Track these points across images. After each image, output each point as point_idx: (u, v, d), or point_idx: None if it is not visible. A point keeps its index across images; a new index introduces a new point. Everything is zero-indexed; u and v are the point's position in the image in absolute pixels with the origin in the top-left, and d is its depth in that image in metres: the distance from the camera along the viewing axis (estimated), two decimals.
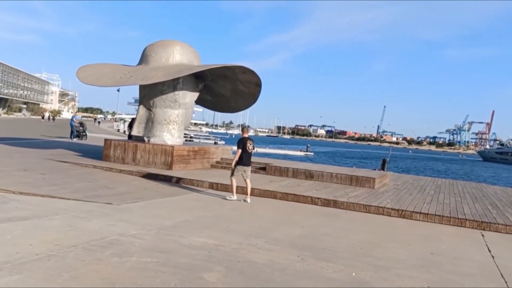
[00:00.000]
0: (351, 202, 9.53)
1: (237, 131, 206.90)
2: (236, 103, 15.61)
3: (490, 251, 6.55)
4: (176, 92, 13.29)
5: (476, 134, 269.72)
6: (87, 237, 5.37)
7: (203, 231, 6.29)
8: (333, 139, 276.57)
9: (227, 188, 10.52)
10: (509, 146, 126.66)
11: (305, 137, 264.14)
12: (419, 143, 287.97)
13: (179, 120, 13.65)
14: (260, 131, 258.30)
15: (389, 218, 8.80)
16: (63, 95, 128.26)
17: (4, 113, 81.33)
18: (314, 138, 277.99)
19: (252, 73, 13.57)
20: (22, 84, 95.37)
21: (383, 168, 35.36)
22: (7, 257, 4.32)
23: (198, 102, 16.29)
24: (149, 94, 13.37)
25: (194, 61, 13.83)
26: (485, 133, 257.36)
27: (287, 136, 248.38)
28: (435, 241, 7.00)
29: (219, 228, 6.63)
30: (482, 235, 7.70)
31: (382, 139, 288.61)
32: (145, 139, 13.44)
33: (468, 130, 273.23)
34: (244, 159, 9.41)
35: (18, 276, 3.87)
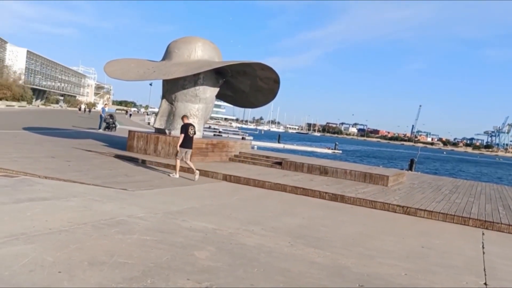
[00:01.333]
0: (358, 197, 9.75)
1: (266, 127, 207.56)
2: (255, 98, 16.01)
3: (483, 247, 6.67)
4: (197, 87, 13.82)
5: None
6: (98, 217, 5.92)
7: (206, 217, 6.74)
8: (365, 138, 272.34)
9: (239, 180, 10.98)
10: None
11: (335, 135, 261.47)
12: (454, 144, 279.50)
13: (199, 114, 14.19)
14: (290, 128, 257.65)
15: (393, 214, 8.98)
16: (98, 88, 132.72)
17: (42, 104, 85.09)
18: (345, 136, 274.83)
19: (271, 69, 13.92)
20: (59, 77, 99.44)
21: (410, 169, 34.95)
22: (24, 229, 4.91)
23: (219, 97, 16.81)
24: (171, 88, 13.98)
25: (215, 57, 14.31)
26: None
27: (317, 134, 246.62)
28: (432, 236, 7.17)
29: (222, 215, 7.06)
30: (483, 234, 7.78)
31: (416, 139, 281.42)
32: (167, 131, 14.07)
33: (508, 132, 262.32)
34: (186, 143, 10.74)
35: (31, 245, 4.42)
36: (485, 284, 4.87)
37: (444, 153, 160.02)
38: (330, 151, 69.08)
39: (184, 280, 3.95)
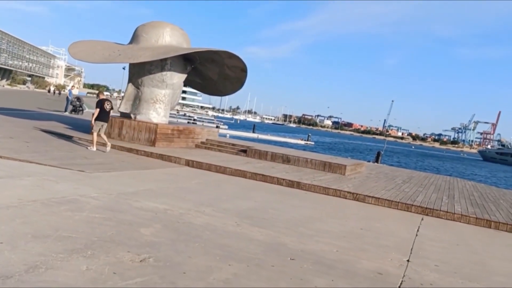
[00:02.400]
0: (313, 184, 10.17)
1: (243, 117, 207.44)
2: (224, 87, 16.19)
3: (418, 231, 7.19)
4: (164, 73, 13.88)
5: (481, 133, 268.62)
6: (49, 195, 6.05)
7: (160, 198, 6.96)
8: (339, 131, 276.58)
9: (201, 165, 11.21)
10: (509, 147, 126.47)
11: (311, 127, 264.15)
12: (423, 139, 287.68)
13: (165, 100, 14.27)
14: (266, 118, 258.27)
15: (344, 200, 9.44)
16: (69, 70, 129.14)
17: (8, 84, 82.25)
18: (320, 128, 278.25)
19: (238, 58, 14.12)
20: (27, 56, 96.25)
21: (377, 161, 36.17)
22: None
23: (188, 83, 16.91)
24: (138, 73, 13.98)
25: (183, 43, 14.38)
26: (490, 133, 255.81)
27: (293, 125, 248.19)
28: (373, 220, 7.65)
29: (176, 197, 7.30)
30: (422, 219, 8.33)
31: (387, 133, 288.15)
32: (132, 116, 14.10)
33: (473, 130, 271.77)
34: (102, 116, 11.70)
35: None
36: (408, 260, 5.33)
37: (413, 147, 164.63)
38: (303, 142, 70.14)
39: (124, 252, 4.19)
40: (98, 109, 11.63)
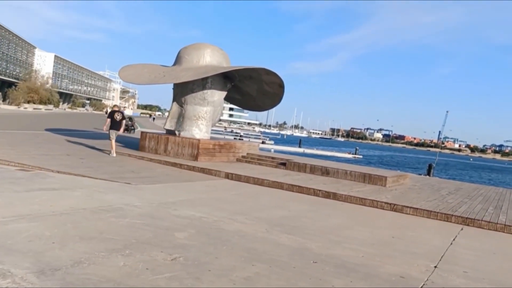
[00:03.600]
0: (349, 195, 10.24)
1: (290, 132, 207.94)
2: (263, 102, 16.68)
3: (454, 239, 7.09)
4: (205, 91, 14.60)
5: None
6: (97, 204, 6.69)
7: (197, 207, 7.41)
8: (390, 144, 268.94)
9: (240, 178, 11.63)
10: None
11: (360, 140, 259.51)
12: (482, 150, 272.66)
13: (207, 117, 14.95)
14: (313, 133, 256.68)
15: (381, 210, 9.43)
16: (124, 92, 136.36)
17: (69, 107, 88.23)
18: (369, 141, 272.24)
19: (275, 74, 14.56)
20: (86, 81, 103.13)
21: (428, 174, 35.12)
22: (30, 211, 5.70)
23: (229, 100, 17.57)
24: (181, 92, 14.80)
25: (223, 62, 15.06)
26: None
27: (341, 139, 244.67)
28: (408, 229, 7.63)
29: (213, 206, 7.72)
30: (461, 229, 8.16)
31: (443, 145, 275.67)
32: (176, 132, 14.89)
33: None
34: (113, 125, 13.70)
35: (33, 223, 5.20)
36: (435, 266, 5.35)
37: (471, 159, 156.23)
38: (350, 156, 69.17)
39: (158, 252, 4.63)
40: (109, 119, 13.81)
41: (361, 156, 70.74)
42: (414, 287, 4.48)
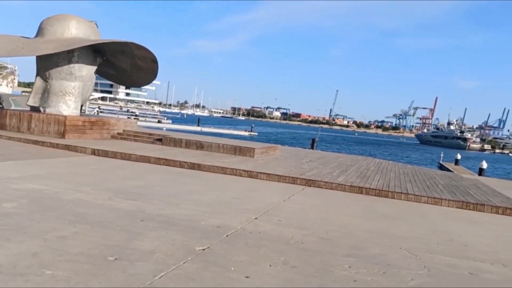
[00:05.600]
0: (212, 165, 10.87)
1: (191, 111, 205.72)
2: (138, 77, 16.51)
3: (289, 197, 8.08)
4: (72, 65, 13.97)
5: (420, 119, 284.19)
6: None
7: (44, 181, 7.31)
8: (287, 121, 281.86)
9: (107, 153, 11.55)
10: (443, 130, 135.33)
11: (260, 119, 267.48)
12: (367, 126, 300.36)
13: (75, 92, 14.37)
14: (215, 112, 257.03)
15: (239, 178, 10.20)
16: (0, 68, 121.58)
17: None
18: (269, 120, 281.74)
19: (146, 49, 14.50)
20: None
21: (312, 147, 38.05)
22: None
23: (104, 75, 17.03)
24: (45, 66, 13.96)
25: (91, 35, 14.50)
26: (428, 118, 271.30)
27: (242, 118, 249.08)
28: (252, 191, 8.44)
29: (62, 180, 7.67)
30: (302, 189, 9.27)
31: (333, 122, 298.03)
32: (41, 109, 14.09)
33: (413, 115, 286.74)
34: None
35: None
36: (256, 218, 6.14)
37: (356, 134, 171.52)
38: (246, 133, 71.46)
39: None
40: None
41: (256, 134, 73.43)
42: (224, 234, 5.15)
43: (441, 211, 8.58)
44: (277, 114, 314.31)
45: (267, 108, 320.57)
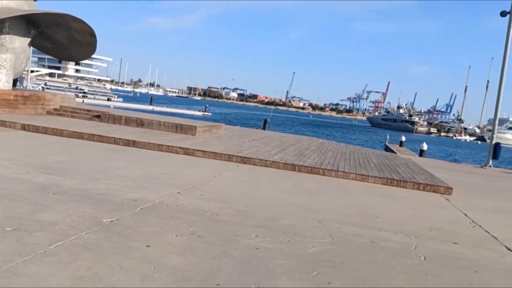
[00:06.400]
0: (148, 142, 10.75)
1: (145, 90, 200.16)
2: (76, 52, 15.87)
3: (220, 174, 8.20)
4: (3, 36, 13.18)
5: (373, 102, 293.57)
6: None
7: None
8: (244, 103, 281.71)
9: (38, 129, 11.11)
10: (393, 113, 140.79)
11: (216, 99, 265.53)
12: (322, 109, 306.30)
13: (7, 65, 13.61)
14: (170, 91, 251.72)
15: (175, 155, 10.16)
16: None
17: None
18: (225, 100, 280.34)
19: (83, 22, 13.91)
20: None
21: (264, 128, 38.43)
22: None
23: (40, 48, 16.21)
24: None
25: (24, 6, 13.70)
26: (380, 102, 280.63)
27: (198, 98, 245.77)
28: (183, 168, 8.46)
29: None
30: (237, 166, 9.41)
31: (289, 104, 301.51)
32: None
33: (366, 99, 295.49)
34: None
35: None
36: (178, 193, 6.20)
37: (310, 116, 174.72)
38: (200, 113, 70.93)
39: None
40: None
41: (210, 114, 73.03)
42: (139, 207, 5.17)
43: (366, 187, 9.03)
44: (234, 95, 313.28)
45: (224, 88, 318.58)
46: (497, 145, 20.31)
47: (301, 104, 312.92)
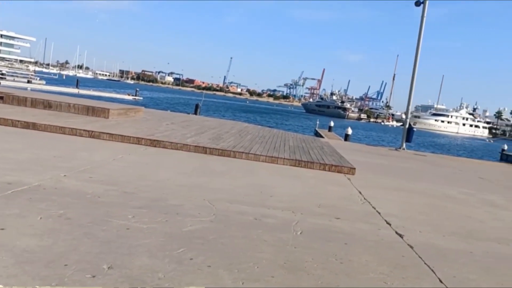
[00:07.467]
0: (50, 124, 10.13)
1: (72, 72, 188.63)
2: None
3: (122, 157, 7.93)
4: None
5: (309, 89, 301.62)
6: None
7: None
8: (180, 87, 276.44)
9: None
10: (327, 99, 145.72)
11: (151, 84, 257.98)
12: (259, 94, 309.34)
13: None
14: (100, 74, 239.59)
15: (78, 138, 9.67)
16: None
17: None
18: (160, 85, 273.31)
19: None
20: None
21: (195, 113, 37.96)
22: None
23: None
24: None
25: None
26: (316, 89, 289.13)
27: (130, 82, 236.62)
28: (84, 150, 8.07)
29: None
30: (145, 149, 9.17)
31: (227, 89, 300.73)
32: None
33: (303, 85, 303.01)
34: None
35: None
36: (65, 175, 5.89)
37: (247, 102, 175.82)
38: (130, 97, 68.59)
39: None
40: None
41: (141, 98, 70.83)
42: (11, 189, 4.84)
43: (274, 168, 9.22)
44: (169, 79, 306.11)
45: (159, 72, 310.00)
46: (410, 129, 21.81)
47: (239, 90, 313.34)
